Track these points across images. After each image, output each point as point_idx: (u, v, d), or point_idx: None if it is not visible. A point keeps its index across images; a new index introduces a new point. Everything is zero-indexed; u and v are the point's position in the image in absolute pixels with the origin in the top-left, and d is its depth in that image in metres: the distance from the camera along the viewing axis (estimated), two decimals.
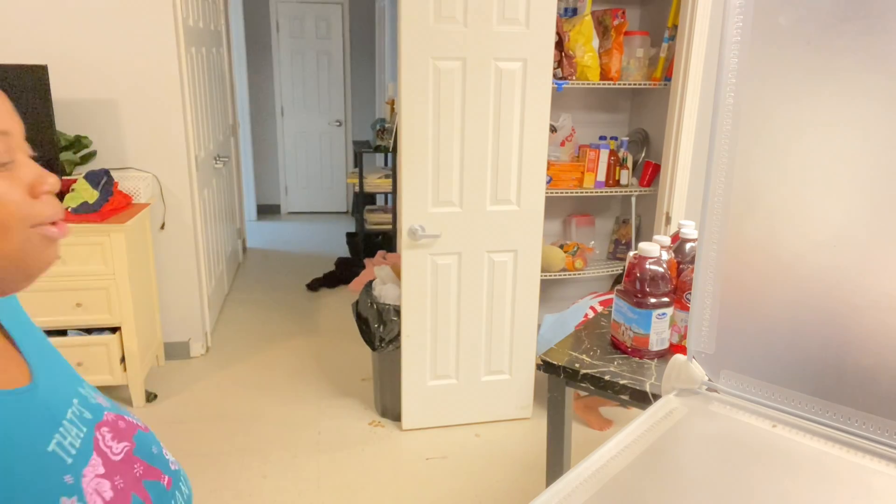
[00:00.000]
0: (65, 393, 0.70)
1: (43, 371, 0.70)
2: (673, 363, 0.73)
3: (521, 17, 2.35)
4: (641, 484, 0.58)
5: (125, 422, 0.75)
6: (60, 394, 0.69)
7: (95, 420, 0.71)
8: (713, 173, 0.67)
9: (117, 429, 0.72)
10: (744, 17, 0.62)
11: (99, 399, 0.76)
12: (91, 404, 0.73)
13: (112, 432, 0.71)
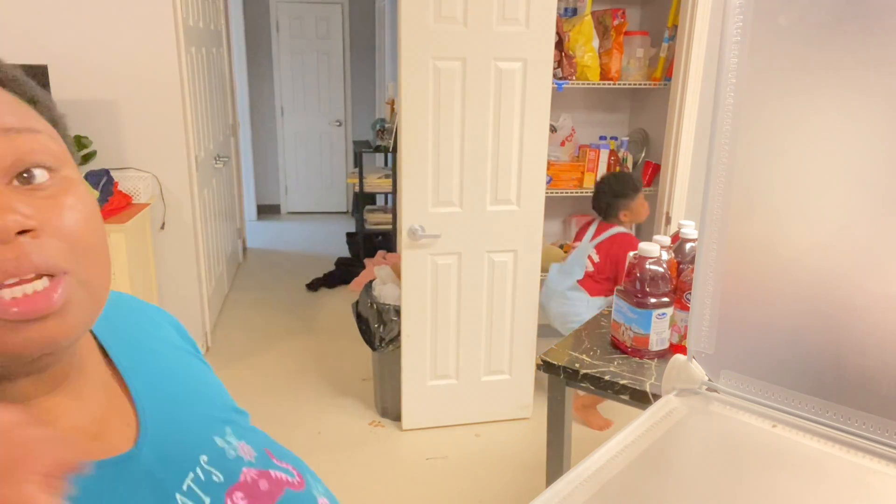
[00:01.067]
0: (188, 451, 0.57)
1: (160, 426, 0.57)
2: (673, 363, 0.73)
3: (521, 17, 2.35)
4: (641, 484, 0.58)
5: (271, 479, 0.60)
6: (181, 453, 0.56)
7: (228, 483, 0.56)
8: (713, 173, 0.67)
9: (256, 492, 0.57)
10: (744, 17, 0.62)
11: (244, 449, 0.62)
12: (227, 461, 0.58)
13: (248, 498, 0.56)
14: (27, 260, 0.41)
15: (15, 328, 0.41)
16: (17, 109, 0.46)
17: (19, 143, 0.44)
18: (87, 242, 0.46)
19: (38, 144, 0.45)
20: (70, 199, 0.46)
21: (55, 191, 0.45)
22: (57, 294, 0.42)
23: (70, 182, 0.47)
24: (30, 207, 0.43)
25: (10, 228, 0.40)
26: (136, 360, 0.61)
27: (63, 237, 0.44)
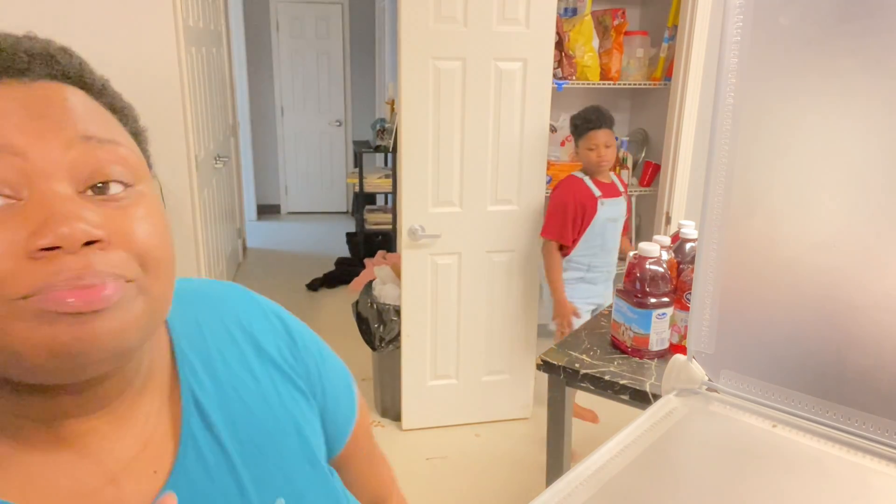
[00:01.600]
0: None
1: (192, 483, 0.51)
2: (673, 363, 0.73)
3: (521, 17, 2.35)
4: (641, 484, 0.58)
5: None
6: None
7: None
8: (713, 173, 0.67)
9: None
10: (744, 17, 0.62)
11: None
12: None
13: None
14: (91, 270, 0.41)
15: (69, 323, 0.40)
16: (102, 119, 0.46)
17: (99, 153, 0.44)
18: (153, 255, 0.46)
19: (117, 157, 0.45)
20: (141, 212, 0.46)
21: (127, 203, 0.45)
22: (112, 290, 0.42)
23: (143, 196, 0.47)
24: (100, 217, 0.43)
25: (78, 239, 0.40)
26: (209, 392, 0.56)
27: (130, 249, 0.44)
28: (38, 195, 0.41)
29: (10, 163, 0.41)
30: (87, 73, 0.49)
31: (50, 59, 0.46)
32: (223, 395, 0.57)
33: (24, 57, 0.45)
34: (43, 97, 0.44)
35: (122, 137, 0.48)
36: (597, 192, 2.42)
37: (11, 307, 0.40)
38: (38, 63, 0.45)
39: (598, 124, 2.36)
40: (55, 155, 0.42)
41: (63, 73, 0.46)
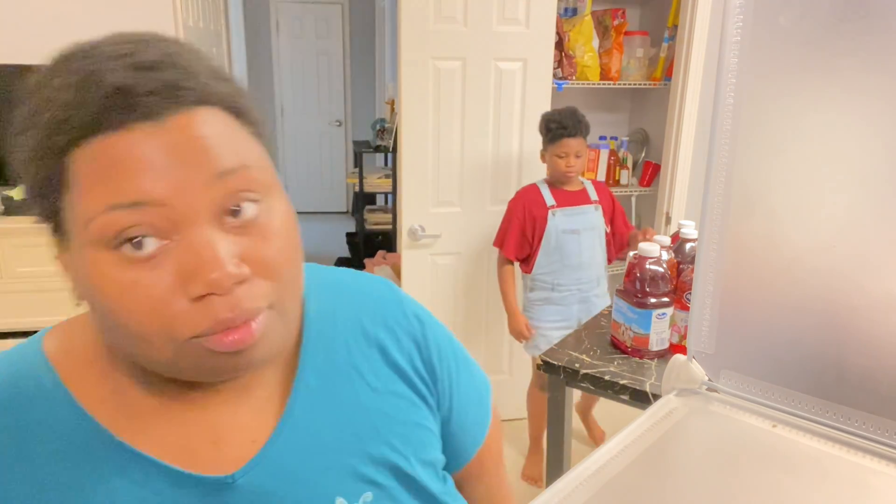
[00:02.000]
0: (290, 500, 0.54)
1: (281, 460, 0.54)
2: (673, 363, 0.73)
3: (521, 17, 2.35)
4: (641, 484, 0.58)
5: None
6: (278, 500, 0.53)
7: None
8: (713, 173, 0.67)
9: None
10: (744, 17, 0.62)
11: None
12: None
13: None
14: (240, 310, 0.45)
15: (229, 357, 0.46)
16: (232, 142, 0.47)
17: (232, 184, 0.45)
18: (288, 275, 0.49)
19: (248, 181, 0.46)
20: (273, 227, 0.48)
21: (261, 222, 0.47)
22: (258, 324, 0.46)
23: (272, 209, 0.49)
24: (240, 248, 0.46)
25: (226, 285, 0.44)
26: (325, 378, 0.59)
27: (268, 275, 0.47)
28: (186, 240, 0.44)
29: (160, 213, 0.43)
30: (208, 90, 0.46)
31: (173, 92, 0.44)
32: (336, 383, 0.59)
33: (146, 99, 0.43)
34: (176, 141, 0.44)
35: (250, 155, 0.48)
36: (549, 202, 2.23)
37: (181, 346, 0.45)
38: (162, 100, 0.44)
39: (574, 132, 2.17)
40: (195, 200, 0.44)
41: (188, 99, 0.45)
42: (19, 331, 2.56)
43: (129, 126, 0.43)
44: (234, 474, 0.52)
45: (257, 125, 0.51)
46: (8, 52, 2.72)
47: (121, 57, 0.44)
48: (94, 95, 0.43)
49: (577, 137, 2.17)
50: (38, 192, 0.47)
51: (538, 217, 2.22)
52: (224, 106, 0.47)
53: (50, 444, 0.50)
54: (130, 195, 0.43)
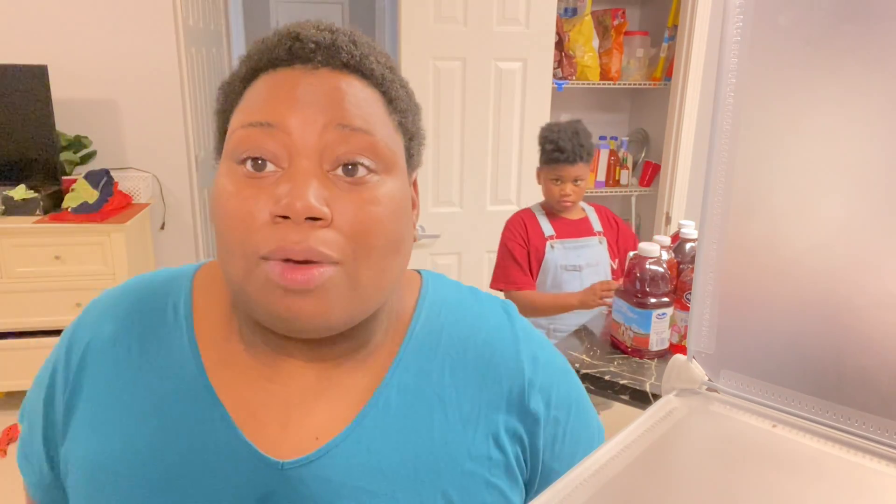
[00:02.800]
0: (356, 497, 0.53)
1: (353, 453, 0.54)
2: (673, 363, 0.73)
3: (521, 17, 2.35)
4: (641, 484, 0.58)
5: None
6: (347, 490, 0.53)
7: None
8: (713, 173, 0.67)
9: None
10: (744, 17, 0.62)
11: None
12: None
13: None
14: (304, 245, 0.47)
15: (282, 295, 0.48)
16: (365, 110, 0.51)
17: (351, 140, 0.49)
18: (367, 241, 0.50)
19: (366, 145, 0.50)
20: (375, 197, 0.50)
21: (366, 188, 0.50)
22: (315, 273, 0.48)
23: (384, 185, 0.51)
24: (333, 195, 0.49)
25: (301, 213, 0.47)
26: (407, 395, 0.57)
27: (348, 233, 0.49)
28: (293, 169, 0.48)
29: (281, 139, 0.48)
30: (368, 65, 0.52)
31: (334, 51, 0.51)
32: (415, 407, 0.56)
33: (312, 46, 0.51)
34: (318, 84, 0.50)
35: (381, 129, 0.51)
36: (548, 231, 1.91)
37: (254, 266, 0.48)
38: (322, 53, 0.51)
39: (572, 158, 1.81)
40: (312, 139, 0.48)
41: (344, 63, 0.51)
42: (19, 331, 2.56)
43: (293, 65, 0.51)
44: (286, 463, 0.53)
45: (405, 117, 0.55)
46: (8, 52, 2.72)
47: (311, 25, 0.53)
48: (278, 40, 0.51)
49: (576, 164, 1.82)
50: (221, 112, 0.54)
51: (535, 248, 1.90)
52: (379, 86, 0.53)
53: (161, 361, 0.56)
54: (265, 115, 0.49)
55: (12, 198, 2.54)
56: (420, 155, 0.59)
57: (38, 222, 2.49)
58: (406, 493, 0.54)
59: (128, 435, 0.54)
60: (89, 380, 0.57)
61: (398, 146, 0.53)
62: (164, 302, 0.59)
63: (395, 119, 0.54)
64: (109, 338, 0.58)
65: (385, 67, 0.54)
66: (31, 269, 2.50)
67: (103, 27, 2.80)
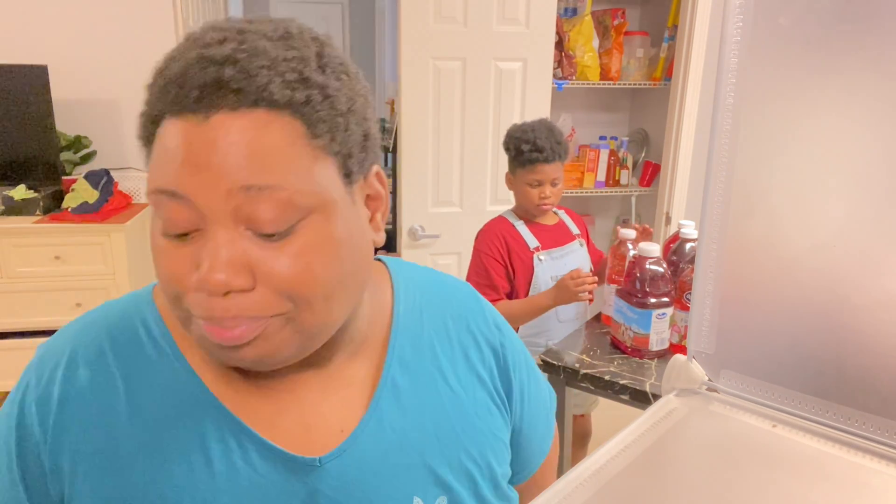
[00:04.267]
0: (370, 494, 0.55)
1: (366, 451, 0.55)
2: (673, 363, 0.73)
3: (521, 17, 2.35)
4: (641, 484, 0.58)
5: None
6: (361, 492, 0.54)
7: None
8: (713, 173, 0.67)
9: None
10: (744, 17, 0.62)
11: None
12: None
13: None
14: (228, 314, 0.46)
15: (220, 347, 0.48)
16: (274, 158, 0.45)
17: (258, 202, 0.45)
18: (306, 295, 0.47)
19: (276, 203, 0.45)
20: (301, 248, 0.47)
21: (291, 241, 0.46)
22: (244, 331, 0.46)
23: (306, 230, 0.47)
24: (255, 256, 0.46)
25: (215, 291, 0.45)
26: (410, 375, 0.59)
27: (277, 288, 0.46)
28: (207, 235, 0.46)
29: (190, 207, 0.45)
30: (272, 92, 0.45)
31: (223, 91, 0.44)
32: (421, 382, 0.60)
33: (196, 94, 0.44)
34: (211, 139, 0.44)
35: (296, 173, 0.45)
36: (532, 243, 1.80)
37: (192, 320, 0.48)
38: (210, 97, 0.44)
39: (550, 156, 1.71)
40: (219, 204, 0.45)
41: (239, 102, 0.44)
42: (19, 331, 2.56)
43: (183, 115, 0.45)
44: (322, 458, 0.54)
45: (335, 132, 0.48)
46: (8, 52, 2.72)
47: (205, 45, 0.46)
48: (164, 85, 0.46)
49: (554, 163, 1.73)
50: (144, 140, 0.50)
51: (521, 262, 1.79)
52: (293, 112, 0.46)
53: (156, 393, 0.53)
54: (168, 182, 0.45)
55: (12, 198, 2.54)
56: (373, 151, 0.53)
57: (38, 222, 2.49)
58: (436, 460, 0.58)
59: (151, 483, 0.51)
60: (74, 437, 0.51)
61: (326, 177, 0.48)
62: (134, 334, 0.55)
63: (321, 143, 0.47)
64: (87, 385, 0.53)
65: (298, 82, 0.46)
66: (31, 269, 2.50)
67: (103, 27, 2.80)
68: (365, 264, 0.53)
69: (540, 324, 1.82)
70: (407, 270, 0.68)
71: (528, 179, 1.75)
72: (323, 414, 0.56)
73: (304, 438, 0.55)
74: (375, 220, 0.55)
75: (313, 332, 0.50)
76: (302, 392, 0.56)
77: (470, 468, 0.60)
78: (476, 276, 1.81)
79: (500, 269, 1.78)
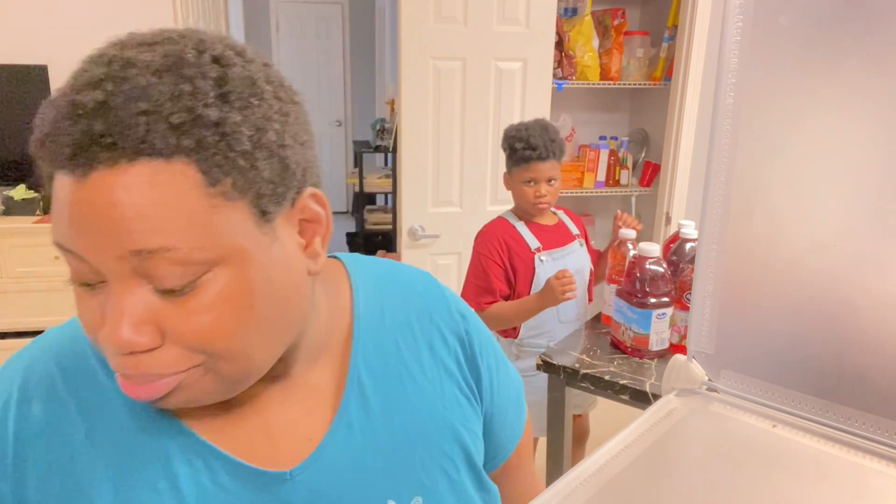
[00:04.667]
0: None
1: (336, 459, 0.54)
2: (673, 363, 0.73)
3: (521, 17, 2.35)
4: (641, 484, 0.58)
5: None
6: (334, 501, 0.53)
7: None
8: (713, 173, 0.67)
9: None
10: (744, 17, 0.62)
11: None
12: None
13: None
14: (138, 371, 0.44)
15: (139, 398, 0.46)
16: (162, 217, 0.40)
17: (151, 265, 0.41)
18: (214, 346, 0.45)
19: (171, 264, 0.41)
20: (204, 303, 0.43)
21: (194, 296, 0.43)
22: (158, 388, 0.44)
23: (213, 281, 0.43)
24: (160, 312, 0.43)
25: (118, 351, 0.43)
26: (376, 376, 0.58)
27: (186, 344, 0.44)
28: (110, 288, 0.43)
29: (82, 260, 0.42)
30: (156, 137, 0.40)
31: (94, 147, 0.39)
32: (387, 383, 0.58)
33: (67, 151, 0.39)
34: (92, 201, 0.40)
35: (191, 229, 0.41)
36: (534, 244, 1.80)
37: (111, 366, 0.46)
38: (82, 153, 0.39)
39: (545, 154, 1.71)
40: (112, 266, 0.42)
41: (116, 158, 0.39)
42: (19, 331, 2.56)
43: (64, 171, 0.41)
44: (292, 471, 0.52)
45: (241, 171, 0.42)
46: (8, 52, 2.72)
47: (77, 89, 0.40)
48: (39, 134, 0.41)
49: (548, 161, 1.73)
50: None
51: (523, 263, 1.78)
52: (185, 156, 0.40)
53: (115, 421, 0.50)
54: (61, 240, 0.43)
55: (12, 198, 2.54)
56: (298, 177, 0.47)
57: (38, 222, 2.49)
58: (408, 459, 0.57)
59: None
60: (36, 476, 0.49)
61: (231, 224, 0.43)
62: (84, 361, 0.52)
63: (221, 189, 0.42)
64: (42, 421, 0.50)
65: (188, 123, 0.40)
66: (31, 269, 2.50)
67: (103, 27, 2.79)
68: (294, 302, 0.49)
69: (541, 324, 1.82)
70: (365, 266, 0.65)
71: (524, 177, 1.76)
72: (289, 425, 0.55)
73: (271, 452, 0.53)
74: (312, 246, 0.50)
75: (238, 378, 0.48)
76: (264, 405, 0.54)
77: (444, 464, 0.59)
78: (474, 277, 1.82)
79: (498, 271, 1.78)
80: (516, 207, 1.87)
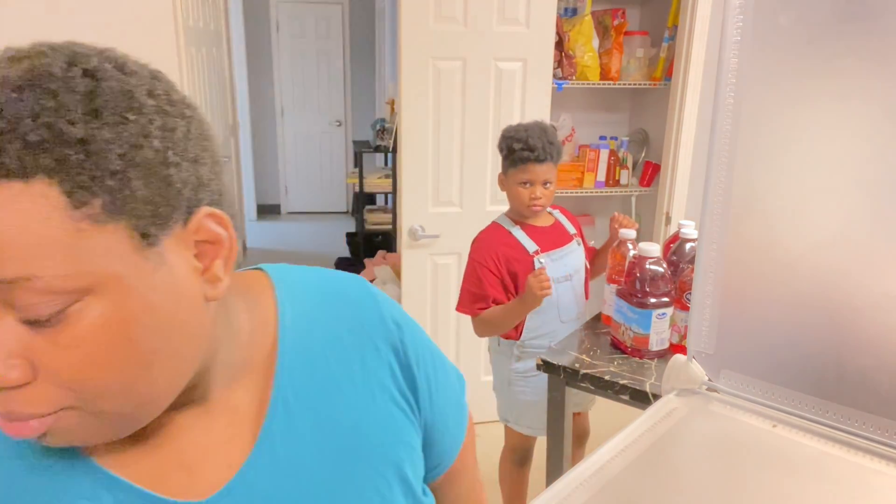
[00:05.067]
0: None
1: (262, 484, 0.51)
2: (673, 363, 0.73)
3: (521, 17, 2.35)
4: (641, 484, 0.58)
5: None
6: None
7: None
8: (713, 173, 0.67)
9: None
10: (744, 17, 0.62)
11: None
12: None
13: None
14: (11, 410, 0.41)
15: None
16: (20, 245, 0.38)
17: (12, 295, 0.39)
18: (87, 386, 0.42)
19: (33, 294, 0.38)
20: (76, 337, 0.40)
21: (63, 327, 0.40)
22: (34, 427, 0.42)
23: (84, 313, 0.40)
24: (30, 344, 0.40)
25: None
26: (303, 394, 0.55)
27: (60, 382, 0.41)
28: None
29: None
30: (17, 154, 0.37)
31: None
32: (315, 401, 0.55)
33: None
34: None
35: (54, 258, 0.38)
36: (531, 247, 1.78)
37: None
38: None
39: (542, 156, 1.70)
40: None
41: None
42: None
43: None
44: (208, 500, 0.50)
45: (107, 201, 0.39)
46: None
47: None
48: None
49: (545, 163, 1.71)
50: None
51: (522, 266, 1.77)
52: (45, 181, 0.38)
53: (21, 460, 0.48)
54: None
55: None
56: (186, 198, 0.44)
57: None
58: (338, 483, 0.54)
59: None
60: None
61: (102, 249, 0.40)
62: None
63: (89, 211, 0.39)
64: None
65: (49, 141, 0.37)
66: None
67: (103, 27, 2.80)
68: (189, 330, 0.46)
69: (542, 325, 1.82)
70: (292, 277, 0.61)
71: (520, 179, 1.74)
72: (207, 451, 0.51)
73: (187, 481, 0.50)
74: (212, 269, 0.47)
75: (127, 414, 0.44)
76: (179, 432, 0.51)
77: (378, 484, 0.56)
78: (469, 283, 1.81)
79: (493, 280, 1.77)
80: (511, 210, 1.86)
